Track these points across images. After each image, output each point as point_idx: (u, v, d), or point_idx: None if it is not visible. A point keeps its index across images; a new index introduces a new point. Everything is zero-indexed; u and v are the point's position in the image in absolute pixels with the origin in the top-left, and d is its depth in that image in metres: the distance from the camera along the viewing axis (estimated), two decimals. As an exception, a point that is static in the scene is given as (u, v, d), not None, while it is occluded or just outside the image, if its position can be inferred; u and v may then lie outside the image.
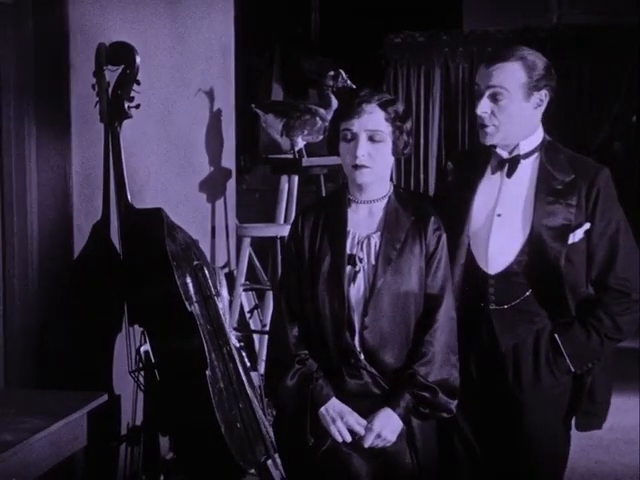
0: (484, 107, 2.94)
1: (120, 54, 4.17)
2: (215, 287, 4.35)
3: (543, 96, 2.97)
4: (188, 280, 4.15)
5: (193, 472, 4.19)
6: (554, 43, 12.29)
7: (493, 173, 3.01)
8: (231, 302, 5.19)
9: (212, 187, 5.23)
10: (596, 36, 12.14)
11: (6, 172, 3.89)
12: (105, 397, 3.33)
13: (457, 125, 12.11)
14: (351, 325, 2.86)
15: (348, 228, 2.92)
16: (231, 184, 5.45)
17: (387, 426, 2.82)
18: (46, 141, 3.91)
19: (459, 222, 2.98)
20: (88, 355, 4.08)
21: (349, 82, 5.44)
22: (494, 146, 3.00)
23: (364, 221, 2.94)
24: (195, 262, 4.25)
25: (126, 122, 4.18)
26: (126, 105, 4.17)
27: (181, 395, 4.03)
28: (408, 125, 2.92)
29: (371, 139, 2.85)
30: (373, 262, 2.88)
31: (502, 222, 2.97)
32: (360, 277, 2.88)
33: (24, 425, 2.89)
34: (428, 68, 12.28)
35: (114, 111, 4.16)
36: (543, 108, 2.99)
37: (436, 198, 3.17)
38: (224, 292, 4.58)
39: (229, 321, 4.59)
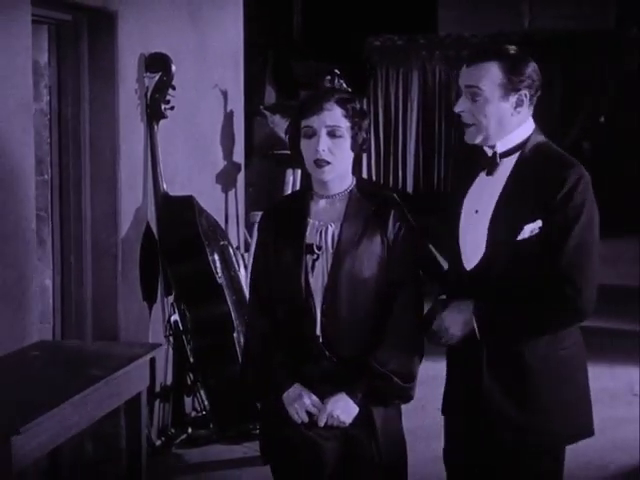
0: (460, 106, 2.97)
1: (157, 63, 5.00)
2: (237, 264, 5.19)
3: (523, 96, 2.94)
4: (216, 257, 4.97)
5: (223, 421, 5.00)
6: (526, 47, 12.93)
7: (482, 172, 3.05)
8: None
9: (225, 179, 6.03)
10: (566, 40, 12.89)
11: (64, 164, 4.69)
12: (162, 346, 4.15)
13: (434, 125, 12.82)
14: (311, 312, 2.96)
15: (308, 219, 3.02)
16: (241, 177, 6.26)
17: (340, 408, 2.93)
18: (98, 138, 4.72)
19: (453, 222, 3.06)
20: (130, 322, 4.88)
21: (344, 85, 6.25)
22: (481, 145, 3.04)
23: (324, 211, 3.03)
24: (222, 242, 5.08)
25: (161, 122, 5.01)
26: (162, 107, 5.00)
27: (213, 353, 4.85)
28: (366, 122, 3.01)
29: (331, 134, 2.93)
30: (331, 251, 2.97)
31: (478, 219, 3.01)
32: (319, 265, 2.98)
33: (107, 364, 3.69)
34: (406, 70, 12.95)
35: (152, 112, 4.99)
36: (527, 108, 2.97)
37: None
38: (242, 270, 5.40)
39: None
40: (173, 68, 4.98)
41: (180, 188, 5.22)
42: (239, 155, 6.23)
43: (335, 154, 2.95)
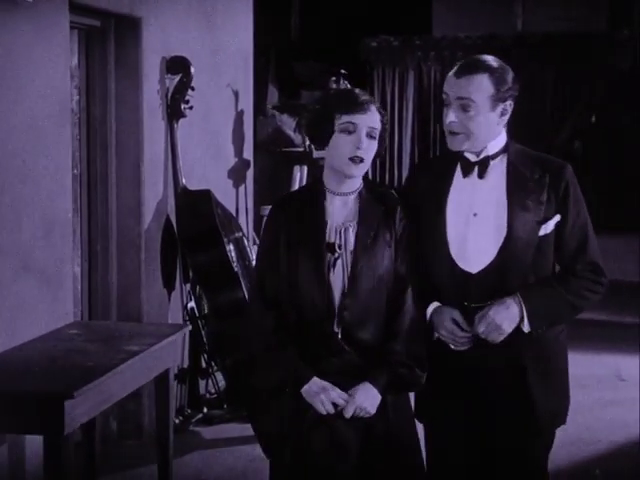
0: (452, 117, 3.10)
1: (178, 65, 5.41)
2: (251, 254, 5.60)
3: (508, 106, 3.14)
4: (231, 247, 5.38)
5: (237, 401, 5.41)
6: (519, 49, 13.29)
7: (465, 177, 3.17)
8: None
9: (236, 175, 6.44)
10: (558, 42, 13.20)
11: (92, 160, 5.10)
12: (189, 328, 4.57)
13: (429, 124, 13.19)
14: (330, 309, 3.08)
15: (328, 219, 3.12)
16: (250, 173, 6.67)
17: (367, 399, 3.04)
18: (123, 136, 5.12)
19: (436, 228, 3.14)
20: (152, 307, 5.29)
21: (348, 85, 6.67)
22: (461, 152, 3.17)
23: (340, 212, 3.14)
24: (237, 234, 5.50)
25: (180, 120, 5.43)
26: (182, 107, 5.41)
27: (230, 335, 5.26)
28: (387, 129, 3.16)
29: (369, 135, 3.07)
30: (351, 249, 3.09)
31: (479, 221, 3.11)
32: (339, 263, 3.09)
33: (142, 341, 4.10)
34: (402, 70, 13.34)
35: (172, 111, 5.41)
36: (508, 116, 3.18)
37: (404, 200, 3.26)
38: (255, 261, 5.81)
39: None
40: (192, 70, 5.40)
41: (196, 183, 5.63)
42: (249, 152, 6.63)
43: (369, 154, 3.08)
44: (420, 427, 3.28)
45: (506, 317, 3.05)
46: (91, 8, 4.68)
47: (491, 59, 3.15)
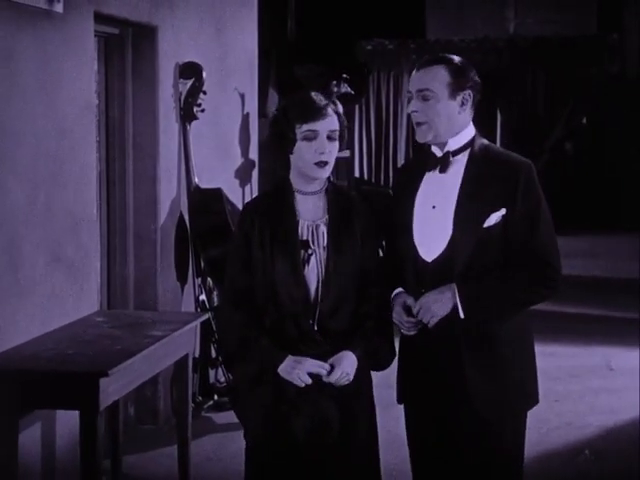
0: (414, 106, 3.30)
1: (190, 70, 5.77)
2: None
3: (467, 95, 3.27)
4: (241, 243, 5.73)
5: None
6: (511, 51, 13.67)
7: (429, 171, 3.36)
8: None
9: (242, 174, 6.81)
10: (549, 45, 13.69)
11: (111, 159, 5.46)
12: (207, 316, 4.94)
13: (423, 125, 13.61)
14: (306, 304, 3.26)
15: (299, 218, 3.30)
16: (255, 173, 7.03)
17: (349, 365, 3.23)
18: (140, 137, 5.49)
19: (405, 219, 3.34)
20: (167, 299, 5.65)
21: (349, 89, 7.03)
22: (429, 146, 3.36)
23: (309, 210, 3.32)
24: (246, 229, 5.85)
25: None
26: (194, 109, 5.77)
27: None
28: (346, 130, 3.35)
29: (329, 138, 3.26)
30: (323, 245, 3.28)
31: (436, 213, 3.30)
32: (312, 259, 3.28)
33: (164, 327, 4.46)
34: (397, 73, 13.75)
35: (185, 114, 5.77)
36: (469, 108, 3.32)
37: (387, 205, 3.52)
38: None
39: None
40: (204, 75, 5.76)
41: (206, 182, 5.98)
42: (254, 153, 7.00)
43: (332, 156, 3.28)
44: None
45: (438, 300, 3.22)
46: (113, 17, 5.04)
47: (450, 55, 3.33)
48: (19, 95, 4.12)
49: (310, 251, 3.28)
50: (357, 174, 12.88)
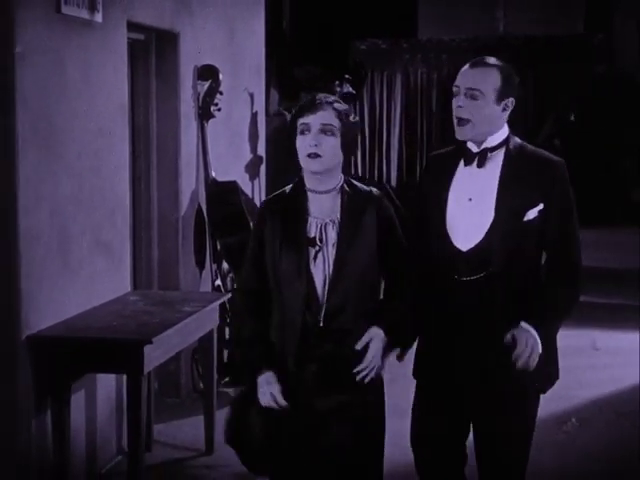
0: (460, 101, 3.47)
1: (208, 73, 6.38)
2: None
3: (510, 103, 3.49)
4: (255, 231, 6.34)
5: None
6: (501, 50, 14.16)
7: (466, 166, 3.52)
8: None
9: (251, 169, 7.42)
10: (538, 44, 14.23)
11: (136, 154, 6.06)
12: (229, 295, 5.56)
13: (416, 123, 14.15)
14: (313, 301, 3.36)
15: (308, 214, 3.39)
16: (263, 168, 7.64)
17: (376, 348, 3.39)
18: (163, 133, 6.09)
19: (439, 211, 3.50)
20: (187, 282, 6.25)
21: (351, 89, 7.61)
22: (465, 142, 3.52)
23: (320, 208, 3.41)
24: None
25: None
26: (212, 108, 6.37)
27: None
28: (355, 125, 3.46)
29: (323, 132, 3.34)
30: (332, 242, 3.37)
31: (473, 206, 3.47)
32: (320, 256, 3.37)
33: (193, 305, 5.06)
34: (390, 72, 14.28)
35: (203, 113, 6.37)
36: (509, 112, 3.53)
37: (418, 194, 3.72)
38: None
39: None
40: (220, 77, 6.37)
41: (221, 175, 6.58)
42: (262, 149, 7.61)
43: (325, 149, 3.33)
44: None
45: (537, 341, 3.41)
46: (141, 25, 5.64)
47: (499, 60, 3.52)
48: (67, 96, 4.71)
49: (317, 248, 3.36)
50: (352, 171, 13.41)
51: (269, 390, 3.36)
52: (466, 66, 3.52)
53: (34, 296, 4.41)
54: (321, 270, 3.37)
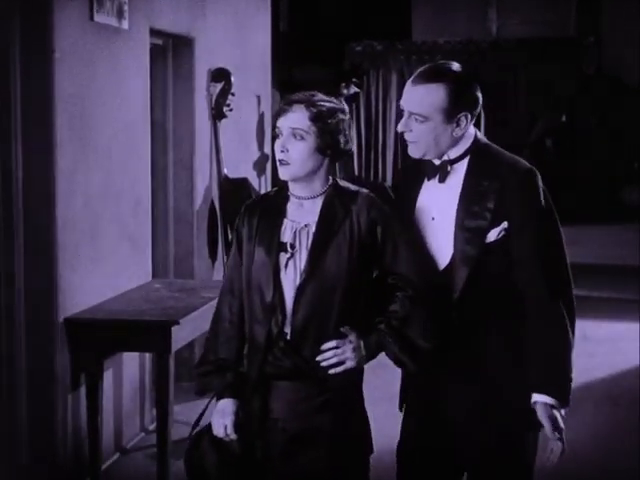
0: (404, 126, 3.10)
1: (220, 75, 6.81)
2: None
3: (464, 117, 3.07)
4: (265, 225, 6.77)
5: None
6: (494, 52, 14.61)
7: (428, 180, 3.16)
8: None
9: (258, 167, 7.85)
10: (530, 46, 14.57)
11: (154, 153, 6.47)
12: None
13: (411, 123, 14.56)
14: (280, 310, 3.08)
15: (286, 218, 3.12)
16: (268, 164, 8.07)
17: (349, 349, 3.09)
18: (179, 133, 6.53)
19: (412, 225, 3.15)
20: (202, 273, 6.68)
21: (357, 90, 8.02)
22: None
23: (300, 214, 3.13)
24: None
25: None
26: (224, 109, 6.81)
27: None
28: (334, 125, 3.08)
29: (293, 136, 3.05)
30: (305, 250, 3.08)
31: (436, 225, 3.11)
32: (291, 264, 3.09)
33: (212, 292, 5.47)
34: (385, 73, 14.68)
35: (217, 113, 6.80)
36: (465, 126, 3.09)
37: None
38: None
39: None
40: (232, 79, 6.80)
41: (231, 173, 7.01)
42: (268, 148, 8.04)
43: (292, 155, 3.06)
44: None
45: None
46: (161, 31, 6.07)
47: (450, 67, 3.11)
48: (98, 97, 5.15)
49: (289, 254, 3.11)
50: (352, 172, 13.79)
51: (223, 422, 3.15)
52: (409, 82, 3.15)
53: (70, 281, 4.84)
54: (292, 279, 3.10)
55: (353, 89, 7.69)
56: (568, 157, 14.39)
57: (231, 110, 6.87)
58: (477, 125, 3.25)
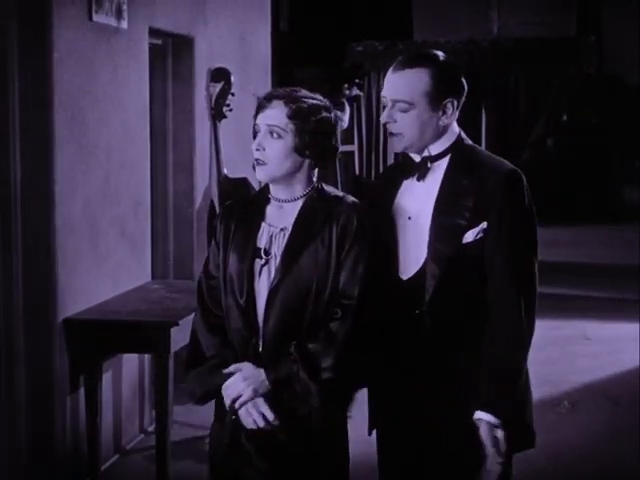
0: (387, 116, 2.95)
1: (220, 75, 6.78)
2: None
3: (449, 104, 2.94)
4: (265, 225, 6.77)
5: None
6: (495, 52, 14.64)
7: (406, 178, 3.01)
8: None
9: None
10: (531, 46, 14.67)
11: (153, 152, 6.46)
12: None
13: (412, 122, 14.58)
14: (252, 316, 2.93)
15: (264, 223, 2.96)
16: (269, 165, 8.06)
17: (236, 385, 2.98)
18: (179, 132, 6.52)
19: (383, 232, 2.99)
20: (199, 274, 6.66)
21: (359, 92, 8.00)
22: (405, 152, 3.03)
23: (278, 218, 2.96)
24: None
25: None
26: (224, 109, 6.79)
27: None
28: (314, 123, 2.90)
29: (270, 133, 2.92)
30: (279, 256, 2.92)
31: (411, 226, 2.97)
32: (265, 270, 2.92)
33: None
34: (386, 72, 14.69)
35: (216, 113, 6.77)
36: (452, 114, 2.97)
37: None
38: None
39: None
40: (232, 78, 6.78)
41: (230, 173, 6.99)
42: (268, 147, 8.03)
43: (268, 155, 2.93)
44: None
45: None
46: (160, 31, 6.06)
47: (433, 53, 3.04)
48: (97, 97, 5.14)
49: (264, 260, 2.94)
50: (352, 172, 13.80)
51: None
52: (390, 70, 3.05)
53: (69, 282, 4.83)
54: (265, 286, 2.93)
55: (355, 90, 7.67)
56: (568, 157, 14.39)
57: (231, 110, 6.84)
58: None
